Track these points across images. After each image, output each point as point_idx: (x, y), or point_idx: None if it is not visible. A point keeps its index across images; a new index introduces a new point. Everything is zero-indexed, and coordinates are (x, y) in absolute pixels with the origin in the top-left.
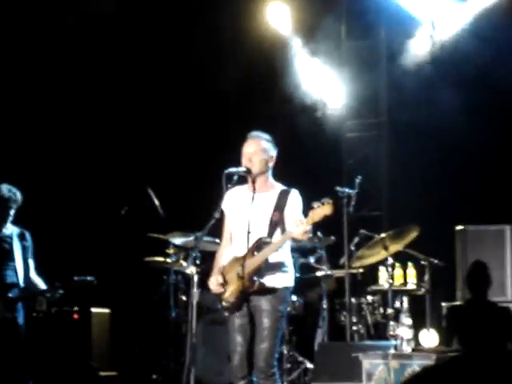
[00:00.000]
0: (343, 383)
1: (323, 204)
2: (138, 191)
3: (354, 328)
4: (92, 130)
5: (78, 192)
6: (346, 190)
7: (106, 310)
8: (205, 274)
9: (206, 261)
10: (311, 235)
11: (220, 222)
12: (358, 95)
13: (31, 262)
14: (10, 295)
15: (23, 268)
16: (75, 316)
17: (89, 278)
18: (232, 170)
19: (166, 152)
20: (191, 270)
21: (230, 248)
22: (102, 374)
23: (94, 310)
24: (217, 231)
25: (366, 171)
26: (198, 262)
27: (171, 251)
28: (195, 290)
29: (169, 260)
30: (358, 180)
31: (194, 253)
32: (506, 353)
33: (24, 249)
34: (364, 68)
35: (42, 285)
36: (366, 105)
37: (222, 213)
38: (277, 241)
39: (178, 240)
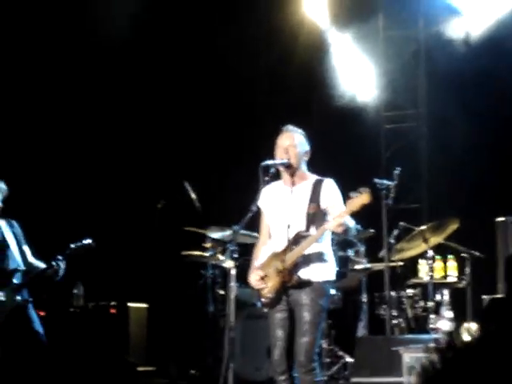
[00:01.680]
0: (383, 377)
1: (360, 193)
2: (175, 185)
3: (394, 322)
4: (130, 123)
5: (115, 186)
6: (385, 181)
7: (144, 305)
8: (242, 267)
9: (244, 254)
10: (348, 227)
11: (257, 215)
12: (397, 86)
13: (26, 248)
14: (15, 281)
15: (20, 255)
16: (112, 311)
17: (86, 242)
18: (269, 162)
19: (203, 146)
20: (229, 263)
21: (269, 244)
22: (140, 369)
23: (131, 304)
24: (254, 225)
25: (405, 163)
26: (235, 255)
27: (208, 245)
28: (233, 284)
29: (206, 254)
30: (396, 172)
31: (231, 246)
32: None
33: (16, 236)
34: (402, 58)
35: (42, 266)
36: (404, 96)
37: (259, 209)
38: (313, 234)
39: (215, 234)
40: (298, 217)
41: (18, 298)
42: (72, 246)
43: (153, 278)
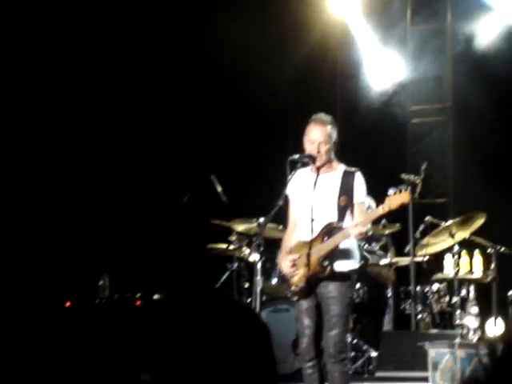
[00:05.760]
0: (408, 372)
1: (400, 191)
2: (201, 178)
3: (420, 317)
4: (157, 117)
5: (142, 178)
6: (412, 176)
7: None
8: (268, 260)
9: (269, 248)
10: (370, 233)
11: (284, 209)
12: (424, 81)
13: None
14: None
15: None
16: (138, 302)
17: None
18: (295, 157)
19: (229, 139)
20: (254, 257)
21: (297, 232)
22: None
23: (156, 296)
24: (280, 218)
25: (432, 157)
26: (261, 249)
27: (234, 238)
28: (259, 278)
29: (231, 247)
30: (423, 166)
31: (257, 240)
32: None
33: None
34: (429, 53)
35: None
36: (431, 90)
37: (286, 201)
38: (347, 228)
39: (240, 227)
40: (324, 207)
41: None
42: None
43: (178, 270)
